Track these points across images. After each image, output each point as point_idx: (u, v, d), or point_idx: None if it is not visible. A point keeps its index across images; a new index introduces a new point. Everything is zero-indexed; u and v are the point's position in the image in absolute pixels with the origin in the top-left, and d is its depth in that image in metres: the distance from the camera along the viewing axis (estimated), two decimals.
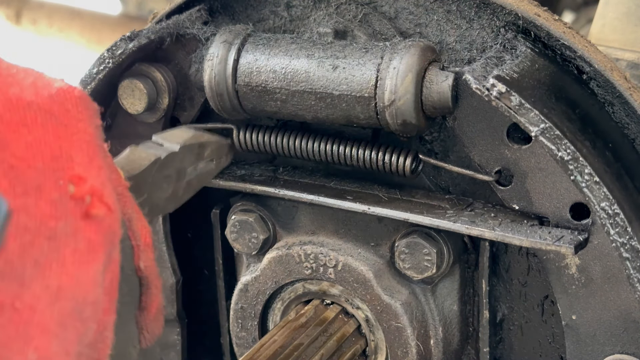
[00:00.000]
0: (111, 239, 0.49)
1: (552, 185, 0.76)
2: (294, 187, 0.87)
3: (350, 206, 0.83)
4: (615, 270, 0.75)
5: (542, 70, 0.76)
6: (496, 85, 0.72)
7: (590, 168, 0.73)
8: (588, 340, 0.78)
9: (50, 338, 0.44)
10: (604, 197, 0.72)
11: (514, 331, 0.86)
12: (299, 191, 0.86)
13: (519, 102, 0.72)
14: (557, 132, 0.72)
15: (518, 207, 0.79)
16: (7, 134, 0.45)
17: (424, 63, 0.77)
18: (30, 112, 0.47)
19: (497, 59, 0.76)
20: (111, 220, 0.49)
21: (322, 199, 0.85)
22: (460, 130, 0.79)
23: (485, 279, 0.85)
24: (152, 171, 0.68)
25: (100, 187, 0.49)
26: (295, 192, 0.86)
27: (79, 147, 0.49)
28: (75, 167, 0.48)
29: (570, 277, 0.78)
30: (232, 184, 0.90)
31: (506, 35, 0.78)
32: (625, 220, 0.73)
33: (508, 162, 0.78)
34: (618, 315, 0.75)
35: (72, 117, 0.50)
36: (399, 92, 0.76)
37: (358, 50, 0.79)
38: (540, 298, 0.83)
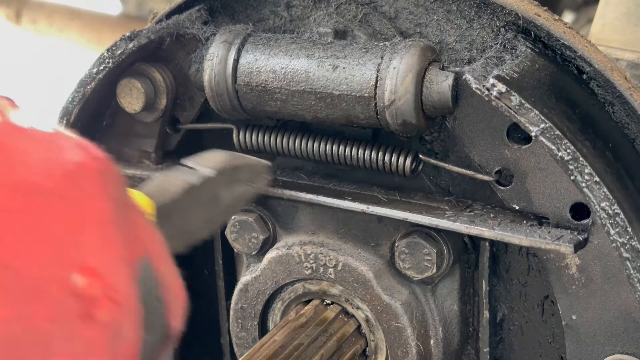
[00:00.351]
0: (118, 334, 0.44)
1: (552, 185, 0.76)
2: (294, 188, 0.87)
3: (350, 206, 0.83)
4: (615, 270, 0.75)
5: (542, 70, 0.76)
6: (496, 85, 0.72)
7: (591, 168, 0.73)
8: (588, 340, 0.78)
9: None
10: (604, 197, 0.72)
11: (514, 331, 0.86)
12: (298, 191, 0.86)
13: (519, 102, 0.72)
14: (557, 132, 0.72)
15: (518, 207, 0.79)
16: (5, 227, 0.39)
17: (424, 63, 0.76)
18: (35, 197, 0.41)
19: (497, 59, 0.76)
20: (119, 317, 0.43)
21: (322, 199, 0.85)
22: (460, 130, 0.79)
23: (486, 279, 0.85)
24: (186, 199, 0.66)
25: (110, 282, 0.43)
26: (294, 191, 0.86)
27: (92, 231, 0.43)
28: (85, 256, 0.42)
29: (570, 277, 0.77)
30: None
31: (506, 35, 0.78)
32: (626, 220, 0.73)
33: (508, 162, 0.78)
34: (618, 315, 0.75)
35: (88, 195, 0.44)
36: (399, 92, 0.75)
37: (358, 50, 0.79)
38: (541, 298, 0.83)
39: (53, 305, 0.40)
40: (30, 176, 0.41)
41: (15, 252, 0.39)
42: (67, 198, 0.42)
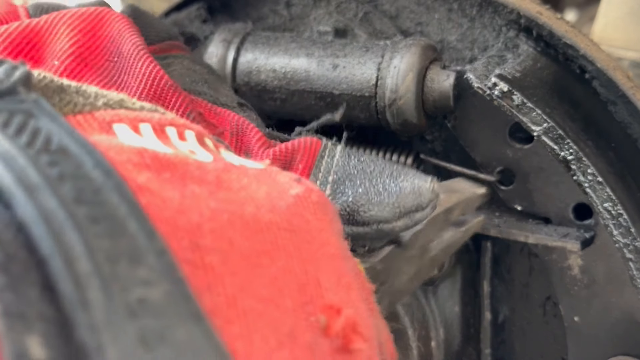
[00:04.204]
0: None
1: (555, 186, 0.76)
2: None
3: None
4: (618, 272, 0.74)
5: (544, 69, 0.76)
6: (498, 85, 0.72)
7: (593, 168, 0.72)
8: (590, 341, 0.77)
9: None
10: (607, 198, 0.72)
11: (515, 332, 0.86)
12: None
13: (521, 101, 0.72)
14: (560, 132, 0.72)
15: (520, 208, 0.79)
16: (248, 270, 0.36)
17: (425, 62, 0.76)
18: (270, 234, 0.38)
19: (499, 58, 0.76)
20: (369, 352, 0.41)
21: None
22: (462, 130, 0.79)
23: (487, 280, 0.84)
24: (394, 256, 0.59)
25: (354, 315, 0.40)
26: None
27: (325, 265, 0.40)
28: (325, 294, 0.39)
29: (572, 278, 0.77)
30: None
31: (508, 34, 0.77)
32: (629, 221, 0.72)
33: (510, 162, 0.77)
34: (621, 316, 0.75)
35: (313, 228, 0.41)
36: (400, 92, 0.75)
37: (358, 49, 0.78)
38: (542, 299, 0.82)
39: (309, 348, 0.36)
40: (260, 214, 0.38)
41: (264, 298, 0.36)
42: (298, 233, 0.39)
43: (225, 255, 0.35)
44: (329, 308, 0.39)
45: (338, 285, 0.41)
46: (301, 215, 0.41)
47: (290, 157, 0.59)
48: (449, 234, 0.68)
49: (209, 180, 0.38)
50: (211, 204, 0.36)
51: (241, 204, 0.38)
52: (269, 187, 0.41)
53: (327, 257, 0.41)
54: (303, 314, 0.37)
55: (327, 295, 0.39)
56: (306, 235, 0.40)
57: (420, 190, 0.57)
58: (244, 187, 0.40)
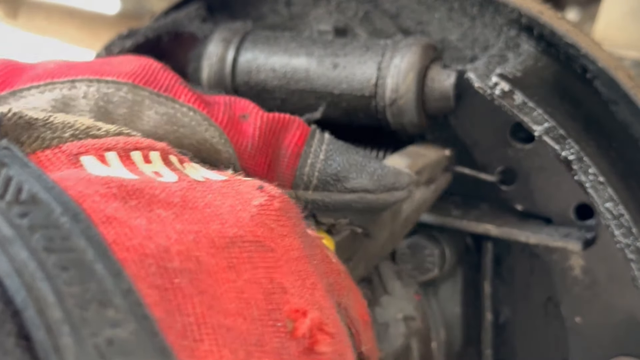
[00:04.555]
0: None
1: (556, 186, 0.75)
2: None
3: None
4: (620, 272, 0.74)
5: (546, 69, 0.75)
6: (499, 84, 0.71)
7: (595, 168, 0.71)
8: (592, 342, 0.77)
9: None
10: (609, 198, 0.71)
11: (517, 333, 0.85)
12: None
13: (522, 100, 0.71)
14: (561, 132, 0.71)
15: (521, 208, 0.79)
16: (216, 287, 0.37)
17: (426, 61, 0.75)
18: (235, 249, 0.39)
19: (500, 57, 0.75)
20: (338, 347, 0.42)
21: None
22: (463, 130, 0.78)
23: (488, 281, 0.84)
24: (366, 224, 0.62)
25: (319, 316, 0.41)
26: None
27: (289, 270, 0.42)
28: (290, 299, 0.41)
29: (574, 279, 0.76)
30: None
31: (509, 33, 0.77)
32: (630, 221, 0.71)
33: (511, 162, 0.77)
34: (623, 317, 0.74)
35: (277, 235, 0.43)
36: (401, 91, 0.74)
37: (359, 49, 0.78)
38: (544, 300, 0.82)
39: (277, 353, 0.38)
40: (224, 229, 0.40)
41: (231, 312, 0.37)
42: (262, 242, 0.41)
43: (192, 275, 0.36)
44: (294, 312, 0.40)
45: (303, 288, 0.42)
46: (264, 224, 0.42)
47: (288, 123, 0.62)
48: (419, 194, 0.70)
49: (174, 202, 0.40)
50: (177, 226, 0.38)
51: (206, 222, 0.40)
52: (233, 200, 0.43)
53: (292, 261, 0.43)
54: (270, 321, 0.39)
55: (293, 300, 0.41)
56: (270, 244, 0.42)
57: (400, 172, 0.62)
58: (208, 204, 0.41)
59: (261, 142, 0.60)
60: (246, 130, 0.60)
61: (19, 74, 0.58)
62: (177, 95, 0.58)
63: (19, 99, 0.55)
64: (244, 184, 0.45)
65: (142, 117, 0.56)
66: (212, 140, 0.57)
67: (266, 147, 0.60)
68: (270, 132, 0.61)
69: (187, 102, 0.58)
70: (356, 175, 0.59)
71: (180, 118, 0.57)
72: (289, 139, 0.61)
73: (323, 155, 0.60)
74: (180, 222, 0.38)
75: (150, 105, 0.56)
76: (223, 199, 0.42)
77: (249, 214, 0.42)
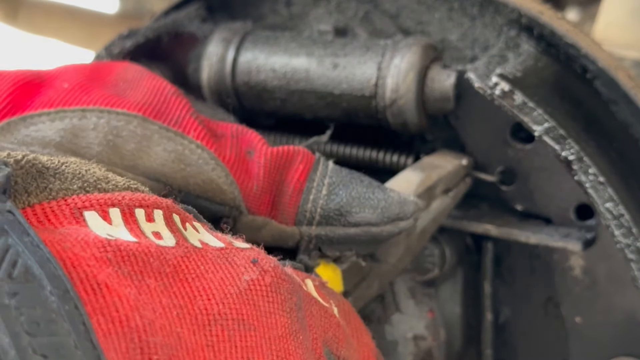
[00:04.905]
0: None
1: (556, 186, 0.75)
2: None
3: None
4: (620, 272, 0.74)
5: (546, 69, 0.75)
6: (499, 84, 0.71)
7: (595, 168, 0.71)
8: (592, 342, 0.77)
9: None
10: (609, 198, 0.71)
11: (517, 334, 0.85)
12: None
13: (523, 101, 0.71)
14: (561, 132, 0.71)
15: (521, 208, 0.79)
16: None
17: (426, 61, 0.75)
18: (217, 327, 0.40)
19: (500, 57, 0.75)
20: None
21: None
22: (463, 130, 0.78)
23: (488, 281, 0.84)
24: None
25: None
26: None
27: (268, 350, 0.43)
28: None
29: (574, 279, 0.76)
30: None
31: (509, 33, 0.77)
32: (630, 221, 0.71)
33: (511, 162, 0.77)
34: (623, 317, 0.74)
35: (263, 313, 0.43)
36: (401, 91, 0.74)
37: (359, 49, 0.78)
38: (544, 300, 0.82)
39: None
40: (210, 305, 0.41)
41: None
42: (245, 321, 0.42)
43: (172, 352, 0.37)
44: None
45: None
46: (251, 301, 0.43)
47: (292, 157, 0.62)
48: (436, 204, 0.70)
49: (166, 272, 0.41)
50: (163, 300, 0.39)
51: (193, 297, 0.41)
52: (225, 272, 0.43)
53: (273, 341, 0.43)
54: None
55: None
56: (254, 322, 0.42)
57: (405, 201, 0.61)
58: (199, 276, 0.42)
59: (266, 181, 0.59)
60: (252, 169, 0.60)
61: (33, 93, 0.57)
62: (187, 130, 0.58)
63: (29, 126, 0.54)
64: (239, 255, 0.45)
65: (149, 154, 0.55)
66: (218, 180, 0.57)
67: (270, 185, 0.60)
68: (274, 170, 0.60)
69: (196, 138, 0.58)
70: (359, 209, 0.59)
71: (188, 155, 0.57)
72: (292, 174, 0.60)
73: (325, 190, 0.60)
74: (168, 295, 0.39)
75: (159, 140, 0.56)
76: (215, 271, 0.43)
77: (238, 290, 0.43)
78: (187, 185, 0.56)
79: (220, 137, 0.61)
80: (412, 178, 0.70)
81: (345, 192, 0.60)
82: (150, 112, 0.57)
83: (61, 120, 0.55)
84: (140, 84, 0.61)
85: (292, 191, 0.60)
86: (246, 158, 0.60)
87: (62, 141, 0.54)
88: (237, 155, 0.60)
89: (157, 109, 0.58)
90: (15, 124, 0.54)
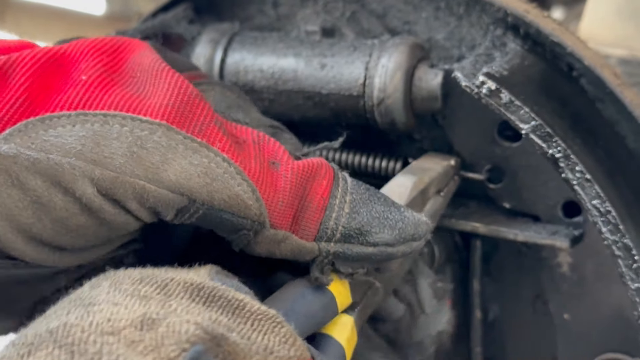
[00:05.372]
0: None
1: (543, 183, 0.76)
2: None
3: None
4: (607, 269, 0.74)
5: (532, 67, 0.76)
6: (486, 83, 0.71)
7: (582, 165, 0.72)
8: (580, 339, 0.77)
9: None
10: (596, 195, 0.72)
11: (506, 331, 0.86)
12: None
13: (509, 99, 0.71)
14: (548, 130, 0.72)
15: (509, 206, 0.79)
16: None
17: (413, 61, 0.76)
18: None
19: (486, 56, 0.76)
20: None
21: None
22: (450, 129, 0.79)
23: (477, 279, 0.84)
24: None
25: None
26: None
27: None
28: None
29: (562, 276, 0.77)
30: None
31: (495, 32, 0.77)
32: (617, 218, 0.72)
33: (498, 160, 0.77)
34: (610, 313, 0.75)
35: None
36: (388, 91, 0.75)
37: (346, 49, 0.78)
38: (532, 297, 0.83)
39: None
40: None
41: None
42: None
43: None
44: None
45: None
46: None
47: (316, 171, 0.61)
48: (430, 205, 0.71)
49: None
50: None
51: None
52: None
53: None
54: None
55: None
56: None
57: (419, 222, 0.62)
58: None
59: (292, 196, 0.59)
60: (277, 182, 0.59)
61: (52, 84, 0.55)
62: (212, 140, 0.56)
63: (48, 129, 0.52)
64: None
65: (174, 166, 0.53)
66: (244, 195, 0.56)
67: (294, 199, 0.59)
68: (300, 185, 0.59)
69: (222, 150, 0.56)
70: (379, 230, 0.60)
71: (214, 169, 0.55)
72: (315, 189, 0.60)
73: (347, 208, 0.59)
74: None
75: (184, 152, 0.54)
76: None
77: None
78: (212, 200, 0.54)
79: (242, 144, 0.59)
80: (405, 183, 0.70)
81: (366, 211, 0.60)
82: (173, 117, 0.55)
83: (82, 125, 0.53)
84: (160, 79, 0.59)
85: (315, 207, 0.59)
86: (271, 169, 0.59)
87: (83, 150, 0.52)
88: (262, 166, 0.58)
89: (181, 113, 0.56)
90: (33, 126, 0.52)
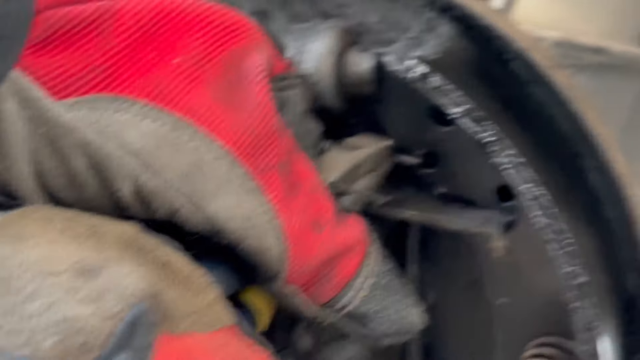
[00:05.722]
0: None
1: (477, 168, 0.75)
2: None
3: None
4: (540, 253, 0.74)
5: (464, 51, 0.75)
6: (415, 67, 0.71)
7: (515, 149, 0.72)
8: (516, 323, 0.77)
9: None
10: (528, 179, 0.72)
11: (444, 317, 0.86)
12: None
13: (441, 83, 0.71)
14: (480, 113, 0.71)
15: (445, 191, 0.78)
16: None
17: (344, 45, 0.75)
18: None
19: (418, 40, 0.75)
20: None
21: None
22: (384, 113, 0.78)
23: (415, 264, 0.84)
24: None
25: None
26: None
27: None
28: None
29: (496, 260, 0.77)
30: None
31: (428, 15, 0.76)
32: (551, 202, 0.72)
33: (432, 145, 0.76)
34: (545, 298, 0.75)
35: None
36: (318, 76, 0.74)
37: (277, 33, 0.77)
38: (469, 282, 0.82)
39: None
40: None
41: None
42: None
43: None
44: None
45: None
46: None
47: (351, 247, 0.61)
48: (362, 181, 0.72)
49: None
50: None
51: None
52: None
53: None
54: None
55: None
56: None
57: (416, 319, 0.67)
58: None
59: (320, 266, 0.57)
60: (312, 249, 0.56)
61: (148, 51, 0.49)
62: (269, 185, 0.52)
63: (114, 113, 0.47)
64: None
65: (222, 201, 0.50)
66: (271, 252, 0.53)
67: (321, 269, 0.57)
68: (332, 258, 0.58)
69: (274, 200, 0.52)
70: (381, 322, 0.61)
71: (259, 216, 0.51)
72: (344, 264, 0.59)
73: (365, 292, 0.60)
74: None
75: (237, 189, 0.50)
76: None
77: None
78: (241, 242, 0.51)
79: (297, 189, 0.56)
80: (338, 157, 0.70)
81: (380, 299, 0.62)
82: (245, 147, 0.51)
83: (152, 122, 0.48)
84: (250, 92, 0.54)
85: (336, 284, 0.58)
86: (311, 233, 0.56)
87: (141, 150, 0.48)
88: (303, 227, 0.55)
89: (253, 146, 0.52)
90: (103, 103, 0.47)
